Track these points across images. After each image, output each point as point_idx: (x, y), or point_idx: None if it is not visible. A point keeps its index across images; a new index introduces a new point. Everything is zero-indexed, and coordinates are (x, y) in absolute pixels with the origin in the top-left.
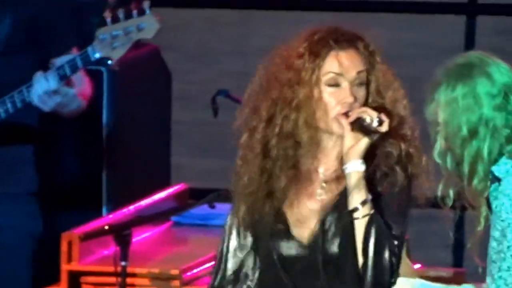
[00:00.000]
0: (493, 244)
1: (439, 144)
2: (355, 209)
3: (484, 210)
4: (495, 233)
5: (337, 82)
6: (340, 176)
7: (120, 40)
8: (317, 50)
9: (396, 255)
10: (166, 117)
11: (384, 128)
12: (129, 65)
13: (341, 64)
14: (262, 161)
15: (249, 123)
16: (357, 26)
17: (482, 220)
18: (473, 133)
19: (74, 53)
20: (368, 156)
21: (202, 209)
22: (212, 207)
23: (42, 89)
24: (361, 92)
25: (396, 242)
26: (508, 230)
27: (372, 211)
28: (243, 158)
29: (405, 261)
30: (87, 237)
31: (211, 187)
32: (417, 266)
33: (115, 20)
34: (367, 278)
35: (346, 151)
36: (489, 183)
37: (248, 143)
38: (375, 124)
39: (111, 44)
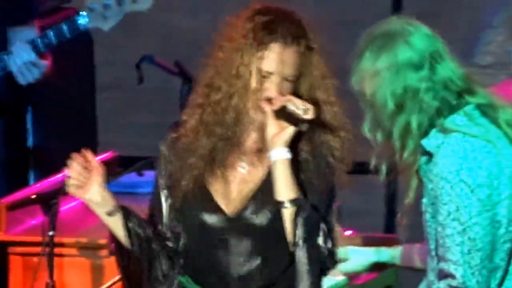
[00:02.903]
0: (438, 228)
1: (369, 117)
2: (282, 203)
3: (414, 183)
4: (439, 217)
5: (269, 77)
6: (260, 148)
7: (112, 10)
8: (262, 38)
9: (329, 238)
10: (90, 83)
11: (310, 115)
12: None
13: (279, 62)
14: (197, 128)
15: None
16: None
17: (411, 193)
18: (400, 106)
19: (36, 26)
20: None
21: (130, 177)
22: (141, 175)
23: (22, 59)
24: (288, 86)
25: (326, 226)
26: (458, 213)
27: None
28: (188, 129)
29: (336, 228)
30: (14, 206)
31: (140, 155)
32: (349, 232)
33: None
34: (302, 266)
35: (271, 138)
36: (419, 156)
37: (191, 110)
38: (300, 111)
39: (102, 14)
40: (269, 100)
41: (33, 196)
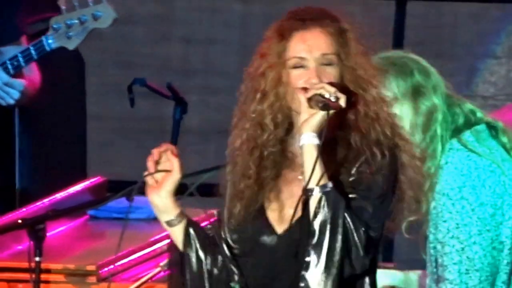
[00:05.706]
0: (438, 246)
1: None
2: (310, 191)
3: (431, 196)
4: (438, 235)
5: (302, 64)
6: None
7: (75, 29)
8: (283, 32)
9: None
10: (81, 107)
11: (342, 103)
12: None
13: (305, 46)
14: (252, 152)
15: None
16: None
17: (425, 206)
18: (431, 115)
19: (24, 43)
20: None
21: (119, 202)
22: (131, 200)
23: None
24: (329, 71)
25: (362, 228)
26: (458, 231)
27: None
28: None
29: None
30: None
31: (129, 179)
32: None
33: (70, 8)
34: (315, 263)
35: (300, 124)
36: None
37: (235, 132)
38: (332, 99)
39: (66, 33)
40: (305, 89)
41: (19, 221)
